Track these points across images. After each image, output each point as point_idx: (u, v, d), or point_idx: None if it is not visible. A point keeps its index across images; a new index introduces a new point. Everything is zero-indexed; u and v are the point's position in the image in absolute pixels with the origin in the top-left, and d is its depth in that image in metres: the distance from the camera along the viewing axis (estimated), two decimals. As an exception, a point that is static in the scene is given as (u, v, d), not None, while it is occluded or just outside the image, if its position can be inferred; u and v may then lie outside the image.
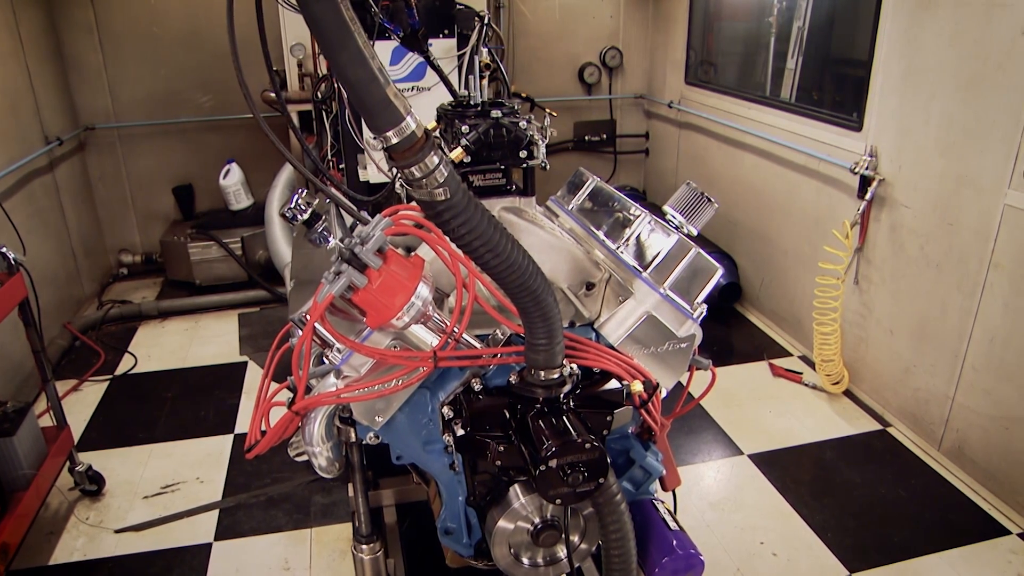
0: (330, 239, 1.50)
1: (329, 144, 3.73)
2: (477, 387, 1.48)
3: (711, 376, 1.91)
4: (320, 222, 1.97)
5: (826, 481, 3.60)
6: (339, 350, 1.48)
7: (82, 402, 4.45)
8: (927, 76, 3.51)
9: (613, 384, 1.55)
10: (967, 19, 3.26)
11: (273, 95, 4.97)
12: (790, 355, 4.82)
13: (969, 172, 3.32)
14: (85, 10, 5.67)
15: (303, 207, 1.89)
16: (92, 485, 3.57)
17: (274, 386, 1.68)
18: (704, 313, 1.65)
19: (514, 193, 1.71)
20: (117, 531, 3.36)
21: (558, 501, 1.39)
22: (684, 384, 1.90)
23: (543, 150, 1.85)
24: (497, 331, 1.53)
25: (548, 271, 1.70)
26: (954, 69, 3.35)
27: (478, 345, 1.52)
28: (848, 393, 4.30)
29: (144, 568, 3.18)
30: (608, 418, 1.46)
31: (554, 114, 7.11)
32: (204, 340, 5.22)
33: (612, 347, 1.59)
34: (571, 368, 1.46)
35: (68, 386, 4.59)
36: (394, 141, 1.00)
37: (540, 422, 1.39)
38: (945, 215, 3.49)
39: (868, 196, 3.89)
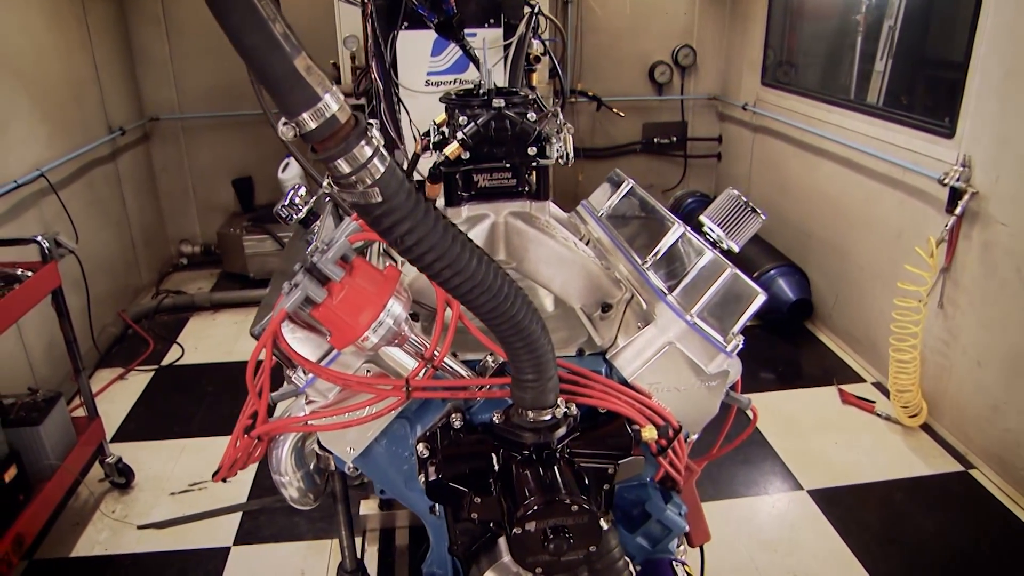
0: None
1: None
2: (457, 423, 1.26)
3: (752, 417, 1.64)
4: (317, 221, 1.80)
5: (895, 526, 3.23)
6: (304, 371, 1.29)
7: (126, 391, 4.46)
8: (1034, 77, 3.10)
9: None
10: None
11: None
12: (862, 381, 4.41)
13: (1080, 188, 2.90)
14: (154, 2, 5.73)
15: (299, 205, 1.72)
16: (121, 478, 3.53)
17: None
18: (740, 346, 1.39)
19: (525, 196, 1.49)
20: (140, 527, 3.30)
21: (538, 570, 1.16)
22: (725, 422, 1.65)
23: (569, 147, 1.61)
24: (488, 357, 1.32)
25: (558, 288, 1.48)
26: (1067, 70, 2.94)
27: (465, 374, 1.30)
28: (926, 428, 3.88)
29: (160, 568, 3.10)
30: (609, 471, 1.23)
31: (621, 114, 6.90)
32: (251, 334, 5.17)
33: (625, 383, 1.35)
34: (567, 409, 1.23)
35: (115, 374, 4.61)
36: (311, 126, 0.79)
37: (526, 472, 1.17)
38: (1049, 235, 3.07)
39: (958, 211, 3.48)
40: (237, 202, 6.44)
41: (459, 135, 1.36)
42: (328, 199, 1.90)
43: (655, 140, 6.71)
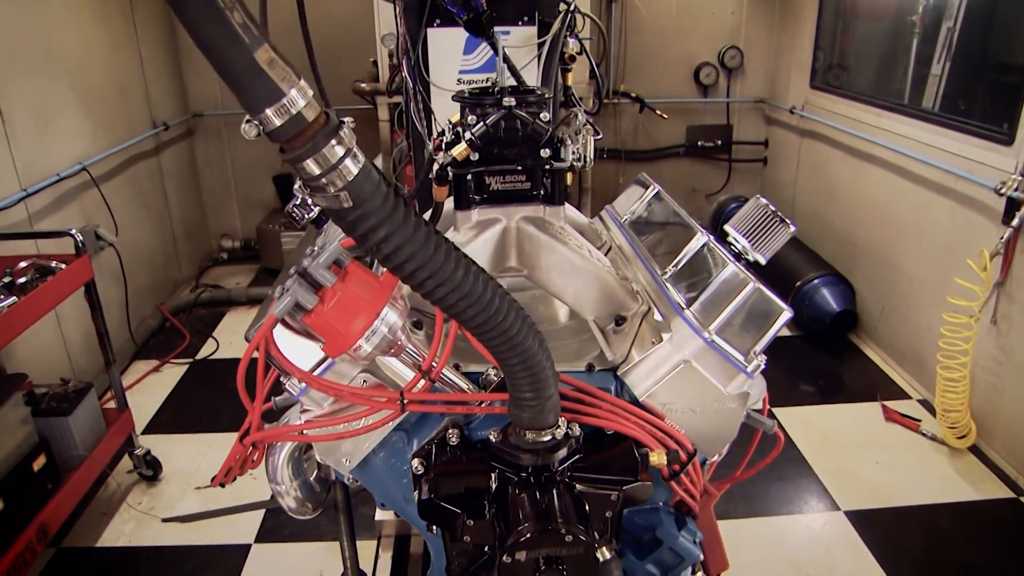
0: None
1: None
2: (453, 440, 1.20)
3: (777, 442, 1.54)
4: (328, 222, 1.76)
5: (937, 554, 3.07)
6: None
7: (160, 383, 4.51)
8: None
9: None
10: None
11: (364, 86, 4.88)
12: (908, 398, 4.22)
13: None
14: (201, -1, 5.81)
15: (311, 205, 1.67)
16: (149, 470, 3.56)
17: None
18: (763, 366, 1.30)
19: (539, 200, 1.42)
20: (164, 520, 3.33)
21: (530, 604, 1.09)
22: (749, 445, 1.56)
23: (588, 150, 1.54)
24: (490, 371, 1.25)
25: (570, 298, 1.41)
26: None
27: (465, 387, 1.24)
28: (975, 450, 3.69)
29: (181, 561, 3.11)
30: (613, 497, 1.14)
31: (665, 116, 6.76)
32: (285, 330, 5.20)
33: (636, 402, 1.27)
34: (569, 430, 1.16)
35: (151, 366, 4.67)
36: (276, 123, 0.74)
37: (521, 496, 1.10)
38: (1114, 251, 2.88)
39: (1015, 222, 3.29)
40: (277, 198, 6.49)
41: (466, 135, 1.30)
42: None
43: (699, 143, 6.56)
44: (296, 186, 1.80)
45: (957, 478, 3.52)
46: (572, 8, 3.01)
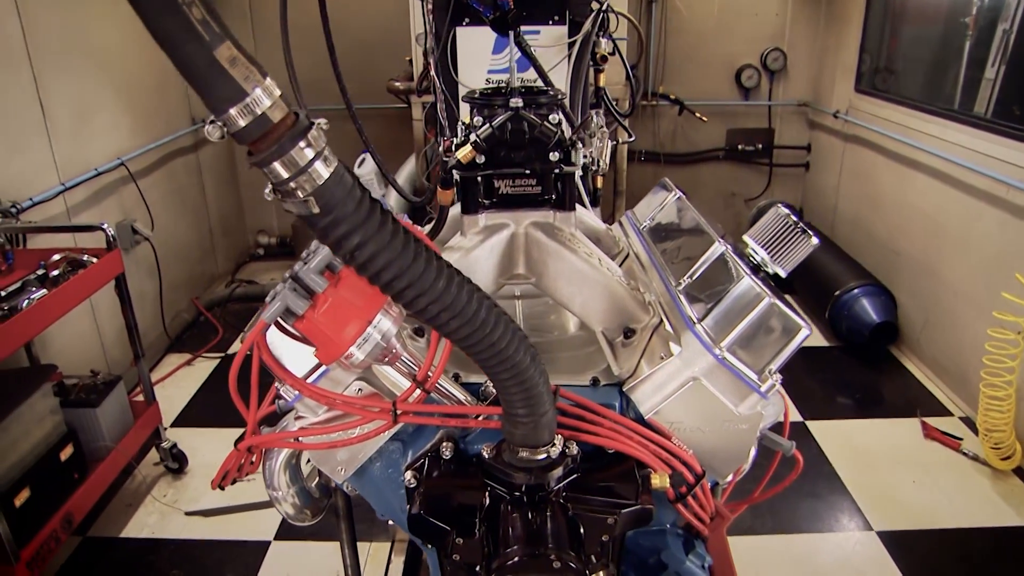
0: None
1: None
2: (447, 454, 1.15)
3: (796, 464, 1.46)
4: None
5: (975, 581, 2.94)
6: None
7: (191, 377, 4.57)
8: None
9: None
10: None
11: (398, 84, 4.87)
12: (949, 415, 4.05)
13: None
14: (242, -3, 5.89)
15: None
16: (175, 463, 3.59)
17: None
18: (776, 386, 1.23)
19: (550, 205, 1.37)
20: (187, 513, 3.36)
21: (516, 632, 1.04)
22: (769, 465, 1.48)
23: (603, 154, 1.48)
24: (490, 383, 1.20)
25: (578, 307, 1.36)
26: None
27: (463, 398, 1.19)
28: (1020, 472, 3.52)
29: (202, 556, 3.13)
30: (610, 520, 1.09)
31: (704, 119, 6.64)
32: (316, 327, 5.23)
33: (642, 420, 1.21)
34: (566, 448, 1.10)
35: (183, 359, 4.73)
36: (240, 124, 0.70)
37: (512, 516, 1.05)
38: None
39: (1069, 236, 3.13)
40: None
41: (472, 136, 1.25)
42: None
43: (739, 147, 6.43)
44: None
45: (1000, 501, 3.37)
46: (604, 7, 2.96)
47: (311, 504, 1.43)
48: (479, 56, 3.02)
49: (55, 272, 2.99)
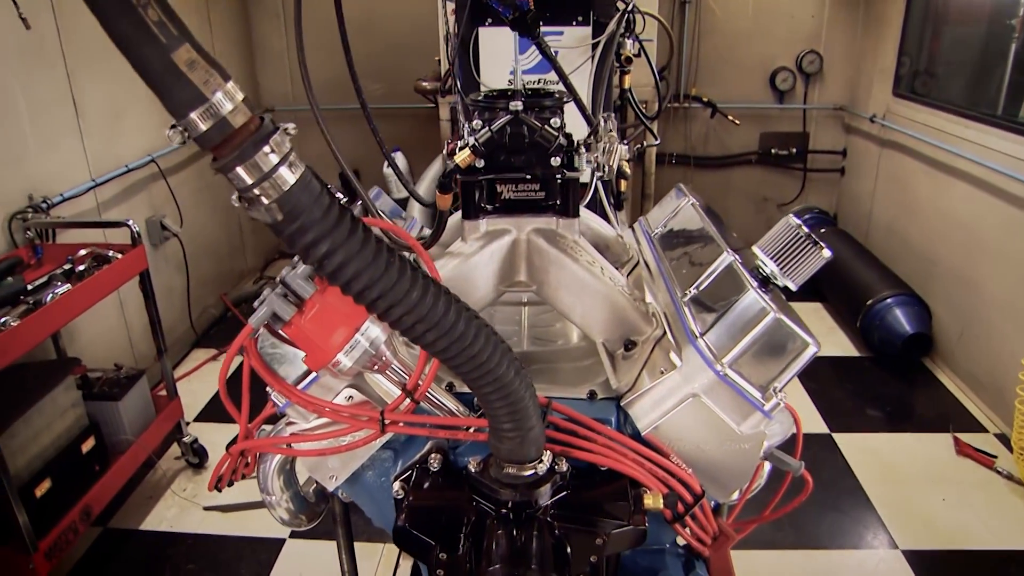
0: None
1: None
2: (435, 465, 1.13)
3: (806, 484, 1.41)
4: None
5: (1005, 607, 2.83)
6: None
7: (216, 372, 4.60)
8: None
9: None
10: None
11: (426, 84, 4.87)
12: (984, 431, 3.92)
13: None
14: (275, -4, 5.94)
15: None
16: (195, 458, 3.63)
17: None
18: (781, 404, 1.18)
19: (552, 211, 1.34)
20: (205, 508, 3.39)
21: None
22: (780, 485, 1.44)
23: (612, 160, 1.44)
24: (483, 393, 1.17)
25: (579, 318, 1.32)
26: None
27: (454, 409, 1.17)
28: (1056, 494, 3.40)
29: (217, 551, 3.16)
30: (598, 541, 1.05)
31: (737, 122, 6.54)
32: (341, 325, 5.26)
33: (639, 436, 1.17)
34: (556, 464, 1.07)
35: (210, 354, 4.79)
36: (202, 129, 0.68)
37: (497, 533, 1.02)
38: None
39: (1113, 249, 3.00)
40: (344, 193, 6.57)
41: (470, 140, 1.23)
42: (359, 201, 1.81)
43: (772, 151, 6.31)
44: (327, 186, 1.77)
45: (1034, 523, 3.25)
46: (630, 8, 2.91)
47: (306, 509, 1.42)
48: (502, 57, 2.99)
49: (81, 267, 3.03)
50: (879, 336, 4.57)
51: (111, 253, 3.13)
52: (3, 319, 2.57)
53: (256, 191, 0.73)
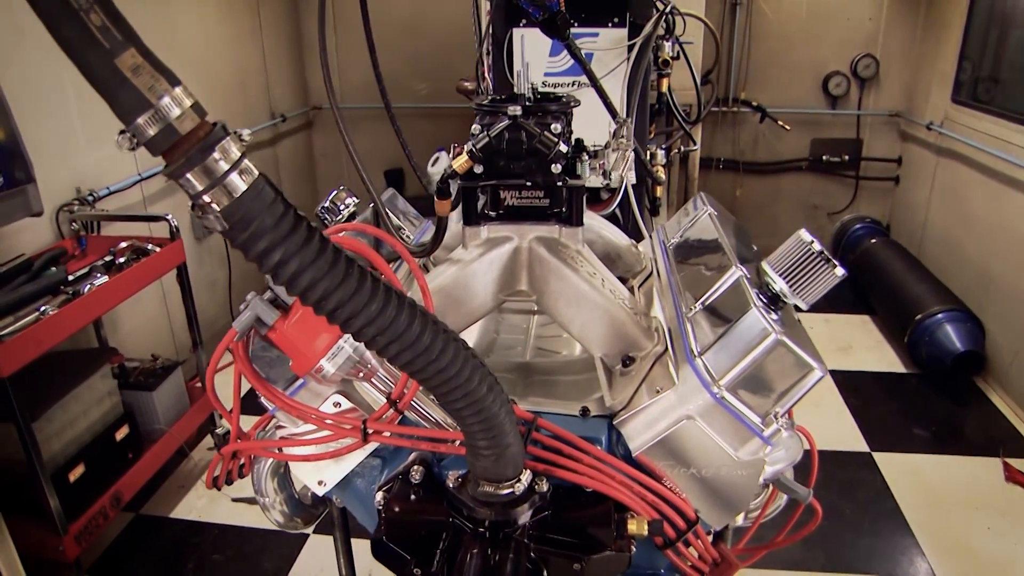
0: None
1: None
2: (416, 478, 1.10)
3: (815, 514, 1.34)
4: (356, 227, 1.71)
5: (1048, 645, 2.68)
6: (272, 394, 1.19)
7: (254, 364, 4.69)
8: None
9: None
10: None
11: (468, 85, 4.87)
12: (1037, 458, 3.73)
13: None
14: (325, -5, 6.01)
15: (338, 206, 1.64)
16: (227, 449, 3.69)
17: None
18: (783, 431, 1.12)
19: (556, 220, 1.30)
20: (234, 500, 3.44)
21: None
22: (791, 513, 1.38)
23: (621, 168, 1.40)
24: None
25: (577, 330, 1.29)
26: None
27: (440, 420, 1.14)
28: (1112, 527, 3.20)
29: (242, 542, 3.21)
30: (576, 567, 1.01)
31: (787, 127, 6.37)
32: (377, 322, 5.30)
33: (629, 458, 1.13)
34: (536, 483, 1.03)
35: (248, 347, 4.87)
36: (150, 134, 0.67)
37: (471, 552, 0.99)
38: None
39: None
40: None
41: (467, 146, 1.20)
42: (371, 203, 1.81)
43: (824, 158, 6.13)
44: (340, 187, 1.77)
45: (1086, 558, 3.07)
46: (667, 9, 2.85)
47: (302, 512, 1.41)
48: (536, 58, 2.95)
49: (121, 259, 3.11)
50: (928, 352, 4.39)
51: (150, 246, 3.21)
52: (42, 308, 2.65)
53: (206, 198, 0.71)
